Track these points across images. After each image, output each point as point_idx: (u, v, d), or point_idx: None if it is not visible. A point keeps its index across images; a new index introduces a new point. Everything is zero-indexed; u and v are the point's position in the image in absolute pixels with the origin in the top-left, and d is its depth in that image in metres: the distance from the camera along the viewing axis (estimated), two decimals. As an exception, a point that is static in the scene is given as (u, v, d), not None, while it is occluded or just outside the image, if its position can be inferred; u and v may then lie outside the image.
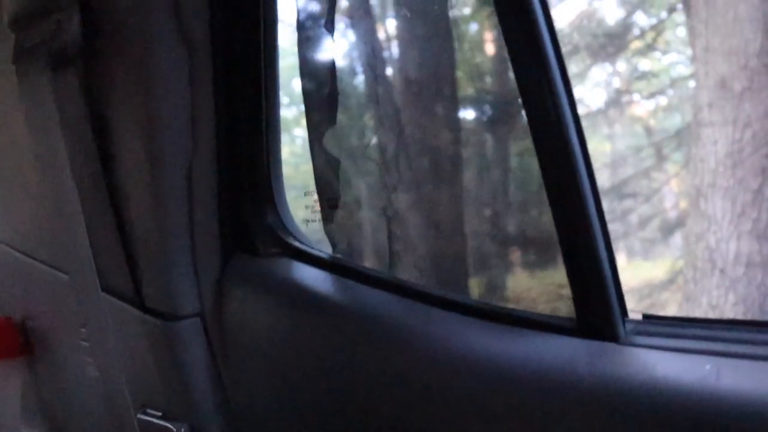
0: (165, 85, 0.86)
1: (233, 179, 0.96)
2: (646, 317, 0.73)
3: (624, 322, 0.71)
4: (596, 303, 0.71)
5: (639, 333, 0.70)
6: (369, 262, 0.96)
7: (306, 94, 0.90)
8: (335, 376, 0.87)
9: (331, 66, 0.88)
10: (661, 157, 6.43)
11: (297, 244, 0.98)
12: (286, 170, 0.98)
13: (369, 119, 0.90)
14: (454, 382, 0.75)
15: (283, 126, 0.96)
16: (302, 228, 1.02)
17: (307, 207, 0.95)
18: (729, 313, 3.72)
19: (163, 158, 0.90)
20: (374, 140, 0.90)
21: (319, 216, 0.95)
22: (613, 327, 0.70)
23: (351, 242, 0.96)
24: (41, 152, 1.01)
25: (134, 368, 1.03)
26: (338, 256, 0.96)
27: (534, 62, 0.69)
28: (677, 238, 6.43)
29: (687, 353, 0.65)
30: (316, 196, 0.94)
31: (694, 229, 3.90)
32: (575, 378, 0.67)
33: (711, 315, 3.77)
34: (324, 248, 0.98)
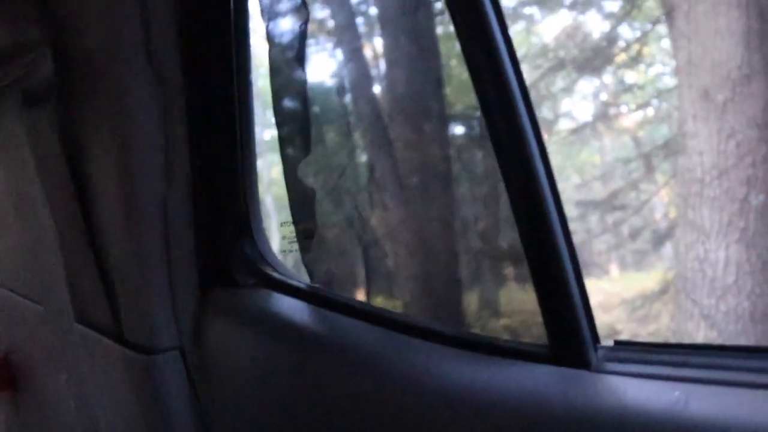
0: (137, 122, 0.87)
1: (210, 213, 0.97)
2: (618, 343, 0.73)
3: (596, 348, 0.71)
4: (567, 330, 0.71)
5: (610, 359, 0.70)
6: (346, 291, 0.96)
7: (279, 126, 0.90)
8: (314, 407, 0.87)
9: (303, 98, 0.89)
10: (650, 168, 6.47)
11: (275, 274, 0.98)
12: (278, 191, 0.99)
13: (344, 149, 0.91)
14: (429, 411, 0.75)
15: (272, 147, 0.97)
16: (282, 258, 1.02)
17: (284, 238, 0.96)
18: (721, 323, 3.74)
19: (137, 194, 0.90)
20: (349, 170, 0.91)
21: (296, 246, 0.95)
22: (584, 354, 0.70)
23: (328, 271, 0.96)
24: (18, 188, 1.02)
25: (113, 401, 1.03)
26: (316, 285, 0.96)
27: (496, 89, 0.70)
28: (668, 249, 6.45)
29: (657, 379, 0.65)
30: (292, 227, 0.95)
31: (684, 240, 3.92)
32: (547, 406, 0.67)
33: (703, 324, 3.78)
34: (305, 277, 0.98)
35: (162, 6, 0.84)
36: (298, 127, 0.89)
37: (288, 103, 0.90)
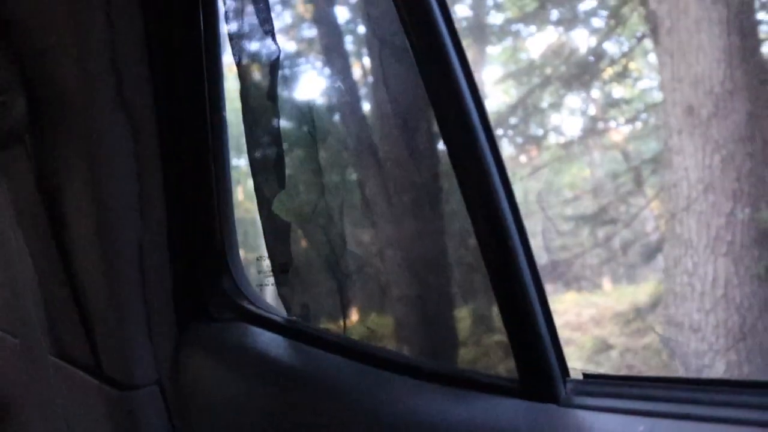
0: (110, 160, 0.87)
1: (187, 248, 0.97)
2: (587, 376, 0.74)
3: (564, 382, 0.72)
4: (536, 364, 0.72)
5: (579, 393, 0.71)
6: (323, 324, 0.96)
7: (252, 161, 0.91)
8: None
9: (277, 134, 0.90)
10: (639, 182, 6.52)
11: (253, 308, 0.99)
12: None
13: (319, 180, 0.92)
14: (403, 447, 0.75)
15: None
16: (260, 291, 1.02)
17: (260, 272, 0.96)
18: (710, 336, 3.74)
19: (112, 230, 0.91)
20: (323, 203, 0.92)
21: (272, 280, 0.96)
22: (553, 388, 0.71)
23: (305, 304, 0.96)
24: (-5, 225, 1.02)
25: (91, 438, 1.02)
26: (293, 318, 0.96)
27: (453, 111, 0.71)
28: (660, 261, 6.47)
29: (623, 414, 0.66)
30: (268, 261, 0.95)
31: (672, 254, 3.95)
32: (516, 441, 0.68)
33: (693, 339, 3.79)
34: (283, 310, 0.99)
35: (133, 45, 0.86)
36: (273, 161, 0.90)
37: (262, 137, 0.91)
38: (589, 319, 7.13)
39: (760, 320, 3.75)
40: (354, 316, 0.91)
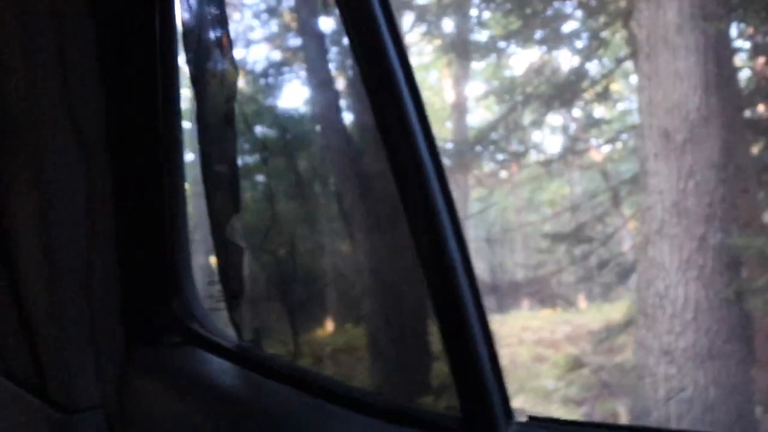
0: (58, 177, 0.85)
1: (136, 268, 0.95)
2: (532, 419, 0.73)
3: (508, 424, 0.71)
4: (479, 405, 0.71)
5: (522, 436, 0.70)
6: (273, 349, 0.95)
7: (206, 181, 0.90)
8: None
9: (233, 159, 0.89)
10: (617, 201, 6.58)
11: (203, 332, 0.97)
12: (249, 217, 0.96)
13: (268, 211, 0.91)
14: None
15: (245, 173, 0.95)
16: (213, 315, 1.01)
17: (211, 297, 0.94)
18: (680, 359, 3.77)
19: (58, 249, 0.88)
20: (274, 229, 0.91)
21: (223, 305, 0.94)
22: (496, 430, 0.70)
23: (257, 329, 0.95)
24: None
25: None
26: (243, 343, 0.95)
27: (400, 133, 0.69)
28: (635, 280, 6.53)
29: (565, 459, 0.65)
30: (219, 286, 0.93)
31: (645, 276, 3.98)
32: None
33: (662, 361, 3.81)
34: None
35: (84, 59, 0.84)
36: (226, 188, 0.89)
37: (217, 156, 0.90)
38: (563, 337, 7.16)
39: (727, 344, 3.79)
40: (305, 342, 0.90)
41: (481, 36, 6.23)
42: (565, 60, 6.27)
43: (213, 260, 0.91)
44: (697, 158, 3.74)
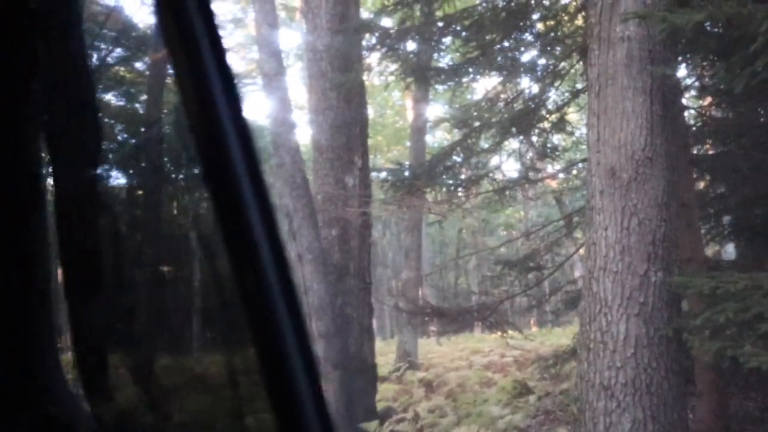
0: None
1: None
2: None
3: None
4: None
5: None
6: None
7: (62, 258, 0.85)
8: None
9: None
10: (570, 227, 6.69)
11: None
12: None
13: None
14: None
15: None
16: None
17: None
18: (619, 394, 3.82)
19: None
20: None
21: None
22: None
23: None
24: None
25: None
26: None
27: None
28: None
29: None
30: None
31: (588, 311, 4.03)
32: None
33: (603, 395, 3.86)
34: None
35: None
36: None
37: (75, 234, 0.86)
38: (512, 362, 7.21)
39: (665, 380, 3.86)
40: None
41: (441, 62, 6.28)
42: (523, 88, 6.36)
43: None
44: (641, 197, 3.81)
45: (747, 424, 5.26)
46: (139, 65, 0.92)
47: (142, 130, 0.94)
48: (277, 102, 5.33)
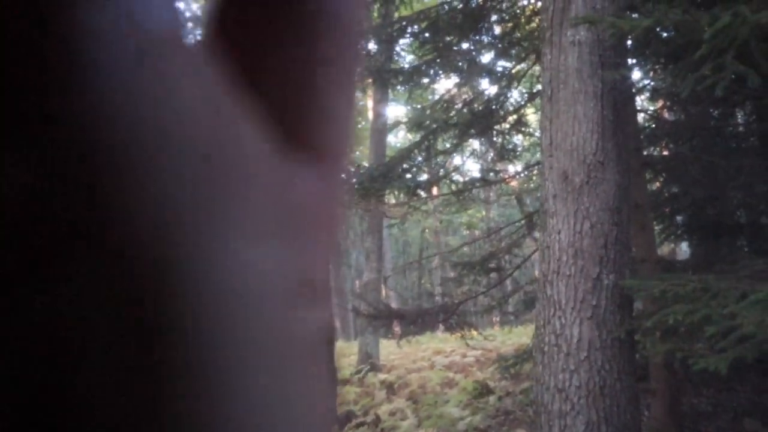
0: None
1: None
2: None
3: None
4: None
5: None
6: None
7: None
8: None
9: None
10: (531, 227, 6.73)
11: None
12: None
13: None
14: None
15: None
16: None
17: None
18: (573, 397, 3.85)
19: None
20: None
21: None
22: None
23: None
24: None
25: None
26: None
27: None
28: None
29: None
30: None
31: (542, 314, 4.05)
32: None
33: (557, 398, 3.89)
34: None
35: None
36: None
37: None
38: (474, 362, 7.24)
39: (618, 381, 3.90)
40: None
41: (398, 64, 6.25)
42: (482, 90, 6.37)
43: None
44: (593, 201, 3.84)
45: (701, 420, 5.37)
46: None
47: None
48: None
